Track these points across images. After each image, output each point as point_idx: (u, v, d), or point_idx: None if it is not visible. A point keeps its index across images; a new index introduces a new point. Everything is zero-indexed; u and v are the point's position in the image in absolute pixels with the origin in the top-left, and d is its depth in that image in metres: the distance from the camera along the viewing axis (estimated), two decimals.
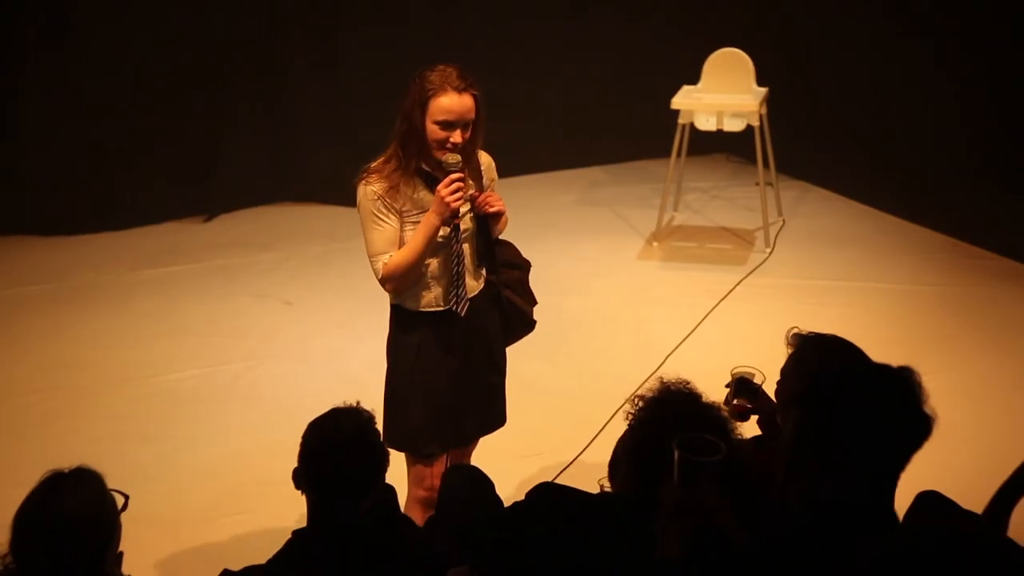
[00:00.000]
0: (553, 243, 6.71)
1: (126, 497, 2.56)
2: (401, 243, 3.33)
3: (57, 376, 5.24)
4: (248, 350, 5.47)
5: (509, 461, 4.31)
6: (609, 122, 7.78)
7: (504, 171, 8.43)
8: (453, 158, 3.27)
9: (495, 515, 2.61)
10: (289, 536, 2.70)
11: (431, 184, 3.32)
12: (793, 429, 2.23)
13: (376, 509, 2.70)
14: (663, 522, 2.29)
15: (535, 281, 6.17)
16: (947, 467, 2.96)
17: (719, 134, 6.62)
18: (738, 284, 6.08)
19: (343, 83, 7.26)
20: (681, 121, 6.49)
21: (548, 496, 2.44)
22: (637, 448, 2.45)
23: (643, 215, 7.01)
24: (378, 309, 5.93)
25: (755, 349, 3.05)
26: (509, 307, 3.59)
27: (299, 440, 2.70)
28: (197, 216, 7.19)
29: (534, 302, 3.70)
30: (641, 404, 2.51)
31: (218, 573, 2.67)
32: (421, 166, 3.33)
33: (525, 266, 3.69)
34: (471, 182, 3.40)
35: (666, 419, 2.39)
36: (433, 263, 3.37)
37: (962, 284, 6.05)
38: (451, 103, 3.29)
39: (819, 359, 2.76)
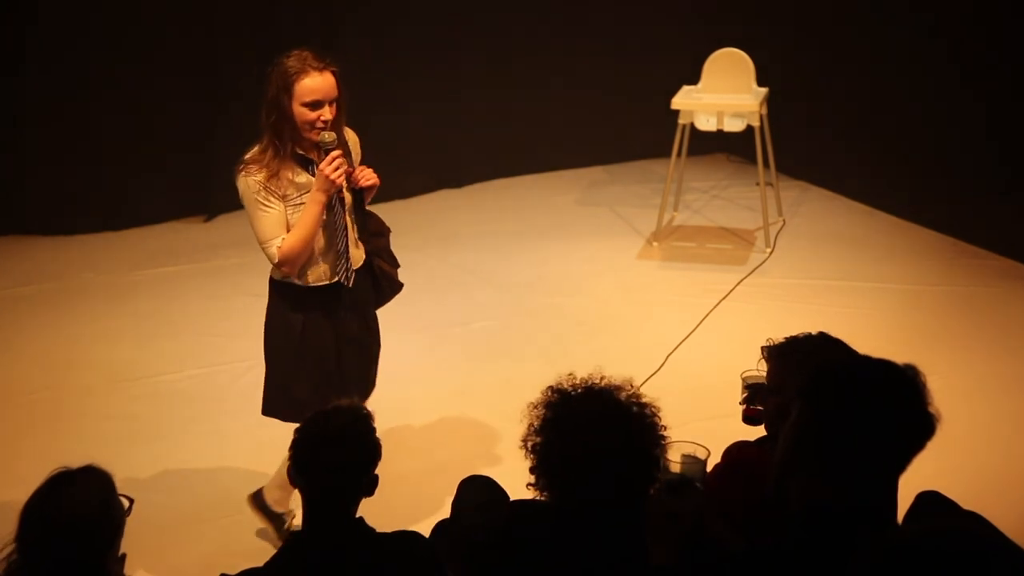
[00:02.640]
0: (553, 243, 6.72)
1: (131, 500, 2.56)
2: (287, 227, 3.47)
3: (56, 376, 5.24)
4: (247, 350, 5.44)
5: (509, 461, 4.31)
6: (609, 122, 7.78)
7: (504, 171, 8.52)
8: (329, 136, 3.43)
9: (488, 534, 2.58)
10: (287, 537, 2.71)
11: (307, 166, 3.48)
12: (794, 425, 2.22)
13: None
14: (652, 530, 2.28)
15: (536, 280, 6.23)
16: (947, 467, 2.96)
17: (719, 134, 6.62)
18: (738, 284, 6.08)
19: (344, 81, 7.25)
20: (681, 121, 6.48)
21: (524, 515, 2.41)
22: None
23: (643, 215, 7.01)
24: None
25: (756, 349, 3.03)
26: (380, 274, 3.75)
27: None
28: (197, 216, 7.19)
29: (398, 265, 3.86)
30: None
31: None
32: (296, 151, 3.47)
33: (387, 232, 3.83)
34: (345, 158, 3.53)
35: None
36: (319, 240, 3.51)
37: (963, 284, 6.05)
38: (315, 83, 3.43)
39: (816, 355, 2.75)
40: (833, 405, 2.16)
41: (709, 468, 2.72)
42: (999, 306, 5.81)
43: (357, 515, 2.66)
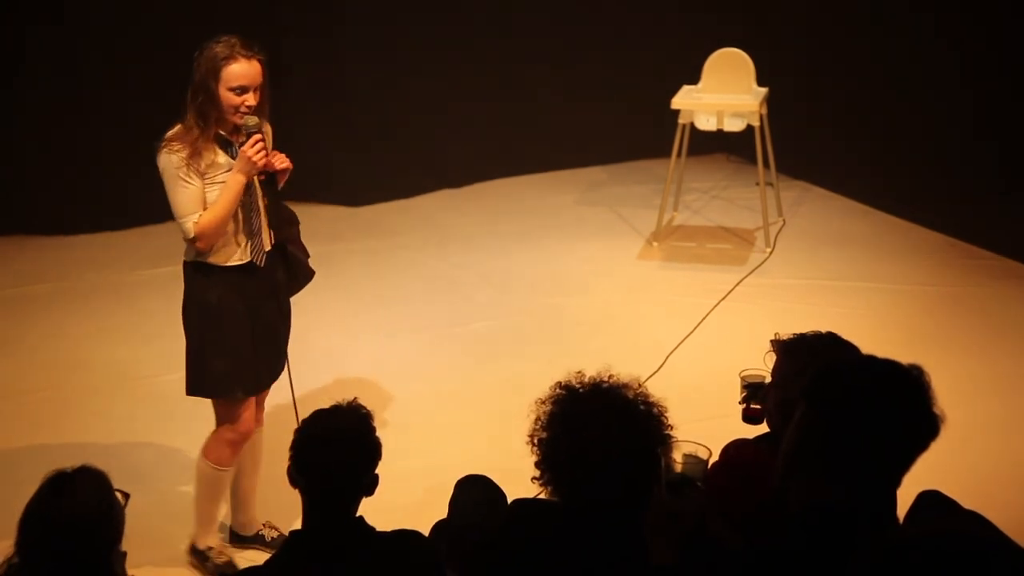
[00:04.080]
0: (553, 243, 6.72)
1: (127, 496, 2.57)
2: (204, 204, 3.59)
3: (57, 376, 5.24)
4: None
5: (509, 460, 4.30)
6: (609, 122, 7.78)
7: (504, 171, 8.51)
8: (252, 120, 3.59)
9: (487, 534, 2.59)
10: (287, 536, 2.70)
11: (227, 148, 3.63)
12: (797, 426, 2.22)
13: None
14: (653, 529, 2.28)
15: (536, 280, 6.24)
16: (947, 467, 2.96)
17: (719, 134, 6.62)
18: (738, 284, 6.08)
19: (342, 83, 7.26)
20: (681, 121, 6.49)
21: (525, 515, 2.41)
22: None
23: (643, 215, 7.01)
24: (376, 308, 5.97)
25: (755, 349, 3.03)
26: (294, 260, 3.86)
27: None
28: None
29: (308, 254, 3.98)
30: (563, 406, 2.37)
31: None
32: (219, 132, 3.60)
33: (297, 221, 3.94)
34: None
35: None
36: (235, 220, 3.64)
37: (961, 284, 6.06)
38: (242, 69, 3.59)
39: (825, 356, 2.74)
40: (836, 405, 2.16)
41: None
42: (998, 306, 5.82)
43: (357, 515, 2.66)
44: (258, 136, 3.58)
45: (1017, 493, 4.20)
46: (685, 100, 6.48)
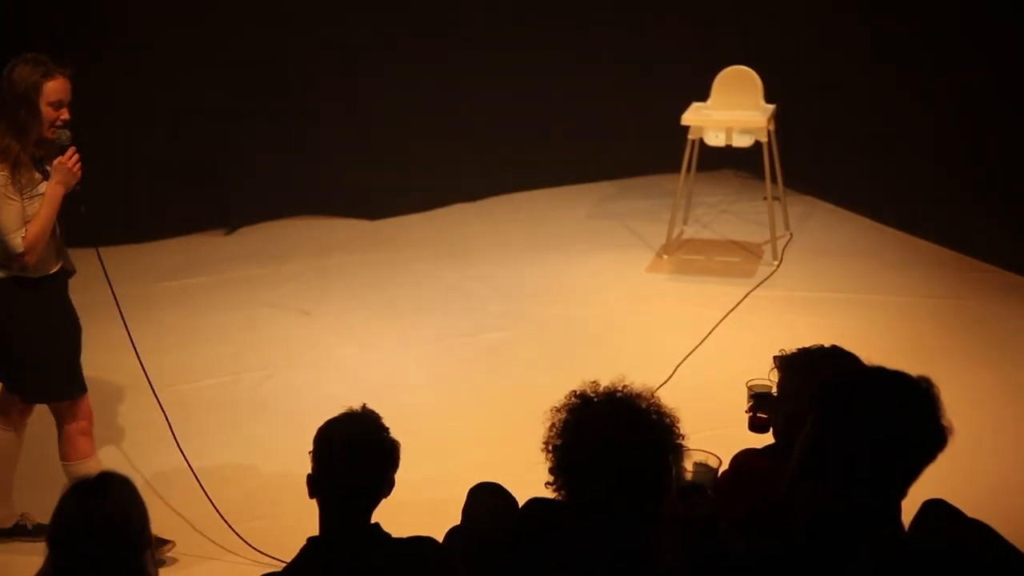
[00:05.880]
0: (564, 256, 6.76)
1: None
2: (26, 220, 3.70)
3: None
4: (266, 359, 5.53)
5: (519, 469, 4.35)
6: (620, 138, 7.83)
7: (517, 185, 8.55)
8: (65, 134, 3.74)
9: (498, 533, 2.62)
10: (304, 543, 2.74)
11: (36, 164, 3.74)
12: (807, 435, 2.24)
13: None
14: (662, 534, 2.33)
15: (547, 292, 6.31)
16: (952, 475, 3.00)
17: (725, 150, 6.66)
18: (746, 296, 6.13)
19: (362, 98, 7.31)
20: (691, 137, 6.55)
21: (539, 513, 2.46)
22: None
23: (653, 228, 7.05)
24: (391, 318, 6.03)
25: (762, 360, 3.08)
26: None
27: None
28: (219, 229, 7.25)
29: None
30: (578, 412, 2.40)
31: None
32: (34, 150, 3.72)
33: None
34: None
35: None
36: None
37: (965, 297, 6.09)
38: (60, 85, 3.71)
39: (826, 368, 2.76)
40: (846, 415, 2.17)
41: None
42: (999, 318, 5.84)
43: (373, 521, 2.67)
44: (73, 148, 3.73)
45: (1021, 502, 4.23)
46: (695, 117, 6.55)
